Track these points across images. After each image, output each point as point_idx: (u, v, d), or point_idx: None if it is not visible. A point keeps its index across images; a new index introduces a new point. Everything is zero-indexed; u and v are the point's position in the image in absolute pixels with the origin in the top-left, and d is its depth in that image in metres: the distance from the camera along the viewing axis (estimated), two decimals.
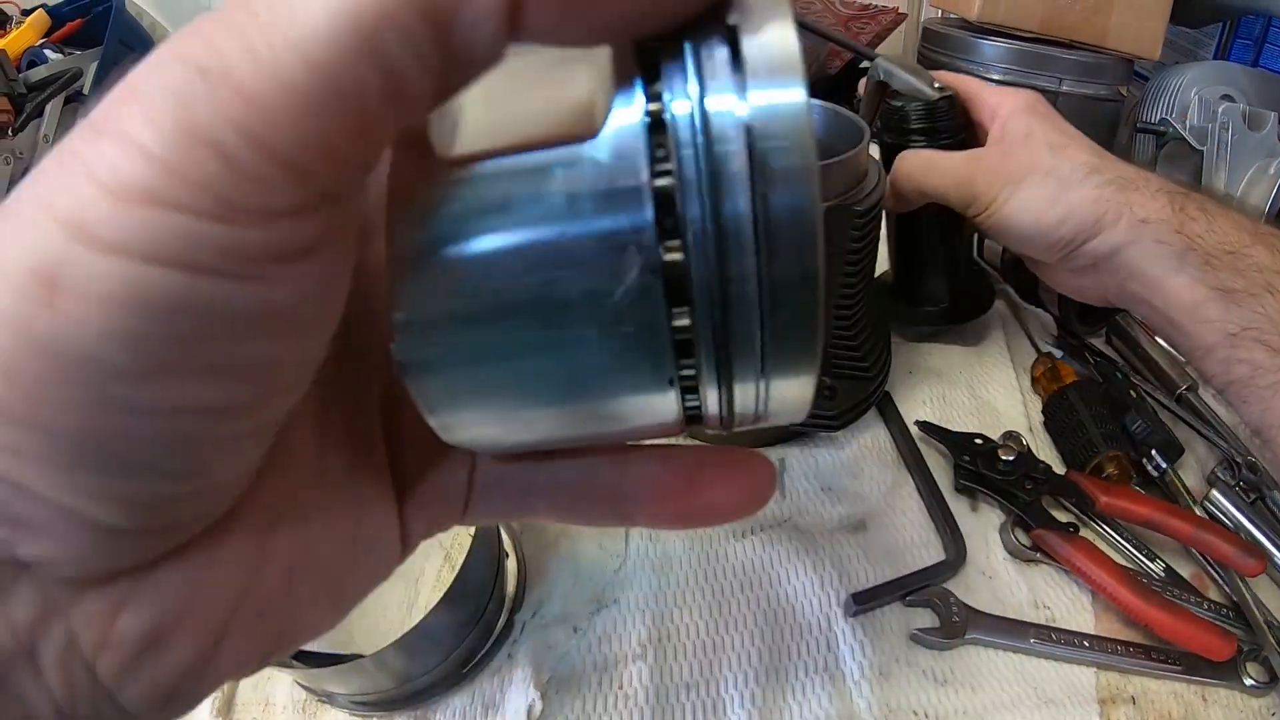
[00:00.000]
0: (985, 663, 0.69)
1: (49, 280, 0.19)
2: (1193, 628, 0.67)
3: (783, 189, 0.23)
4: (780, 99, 0.23)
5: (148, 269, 0.19)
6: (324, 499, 0.30)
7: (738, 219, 0.23)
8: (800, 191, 0.23)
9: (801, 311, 0.24)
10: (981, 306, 1.02)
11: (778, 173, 0.23)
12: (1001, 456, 0.80)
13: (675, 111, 0.23)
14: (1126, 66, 1.24)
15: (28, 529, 0.22)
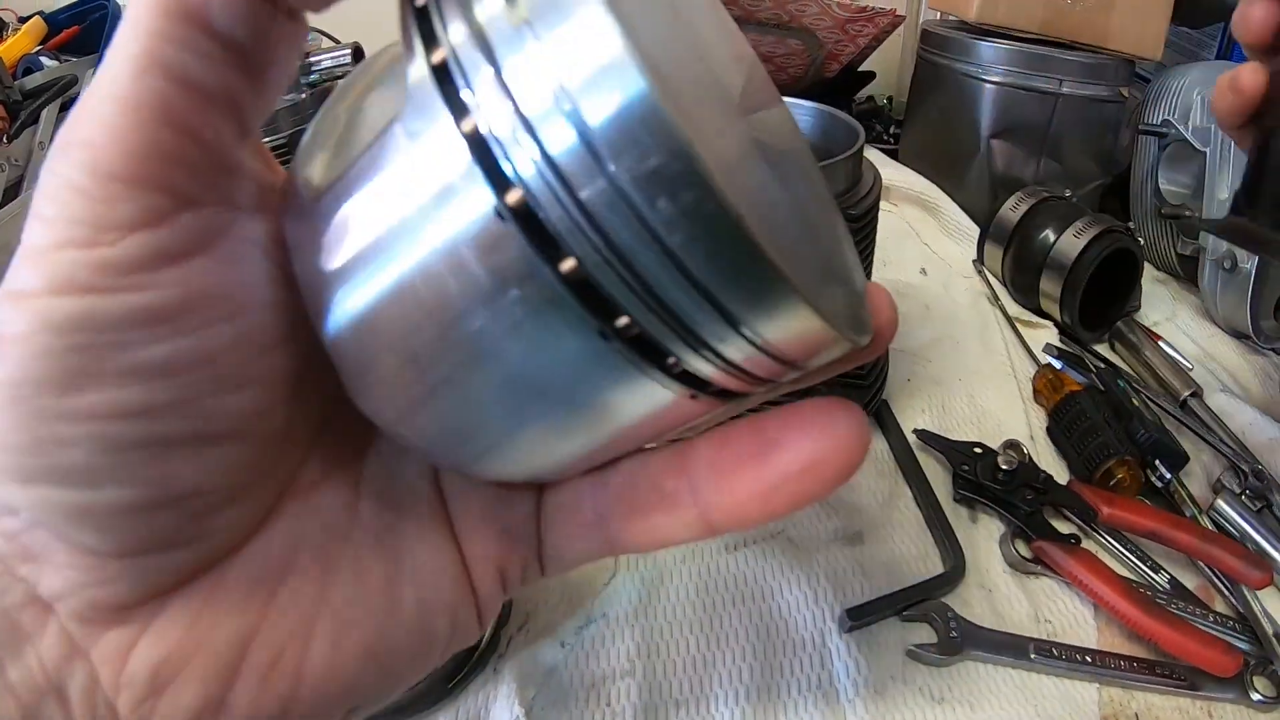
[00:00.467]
0: (984, 679, 0.67)
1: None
2: (1197, 642, 0.66)
3: (599, 91, 0.20)
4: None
5: (50, 300, 0.23)
6: (356, 548, 0.31)
7: (560, 129, 0.20)
8: (622, 81, 0.20)
9: (696, 209, 0.21)
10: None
11: (586, 83, 0.20)
12: (1001, 466, 0.78)
13: (495, 127, 0.21)
14: (1128, 67, 1.23)
15: (36, 561, 0.26)
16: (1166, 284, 1.19)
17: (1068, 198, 1.11)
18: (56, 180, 0.23)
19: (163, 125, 0.23)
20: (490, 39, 0.21)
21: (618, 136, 0.20)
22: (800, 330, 0.24)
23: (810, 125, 0.85)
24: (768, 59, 1.53)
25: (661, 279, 0.22)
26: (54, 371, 0.23)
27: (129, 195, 0.23)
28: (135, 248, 0.23)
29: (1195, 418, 0.90)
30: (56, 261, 0.23)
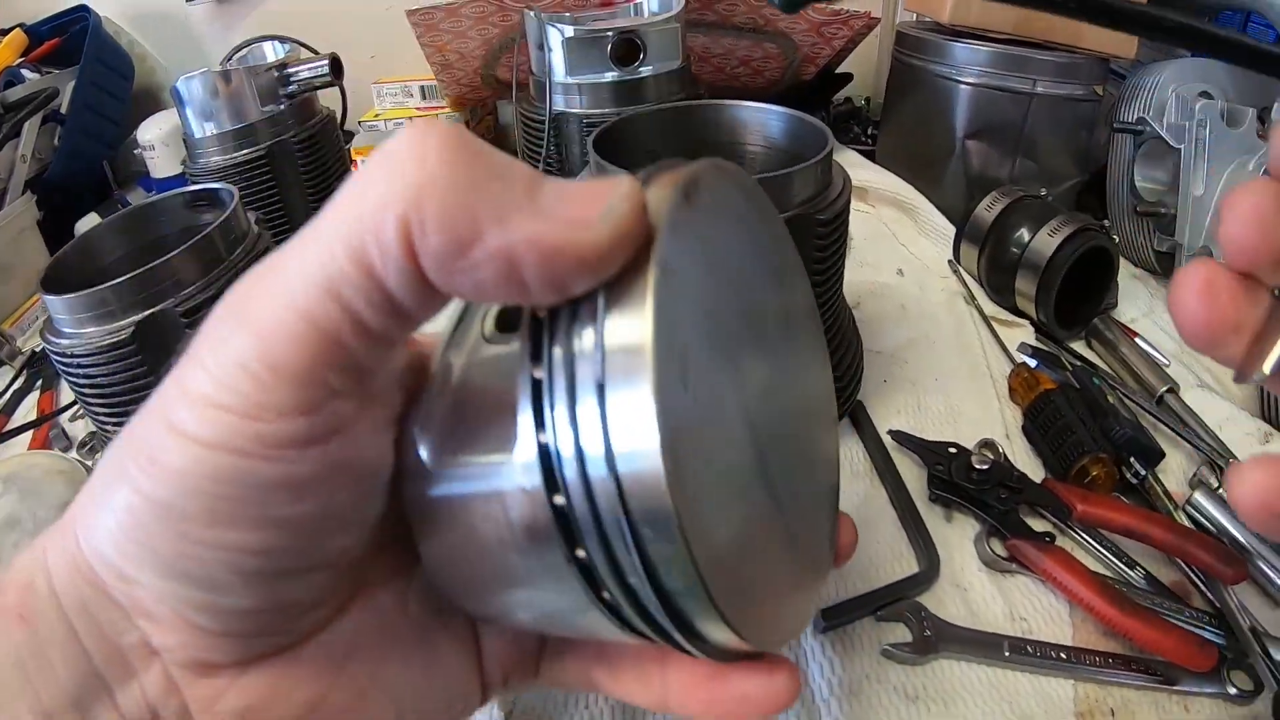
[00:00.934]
0: (959, 678, 0.67)
1: (154, 462, 0.30)
2: (1172, 638, 0.65)
3: (649, 529, 0.29)
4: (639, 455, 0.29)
5: (206, 451, 0.29)
6: (403, 640, 0.40)
7: (621, 546, 0.30)
8: (661, 526, 0.29)
9: (692, 607, 0.31)
10: None
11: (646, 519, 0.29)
12: (975, 465, 0.78)
13: (561, 451, 0.30)
14: (1102, 66, 1.23)
15: (155, 623, 0.32)
16: (1144, 280, 1.18)
17: (1043, 197, 1.10)
18: (227, 350, 0.29)
19: (328, 344, 0.29)
20: (576, 383, 0.30)
21: (638, 503, 0.29)
22: (720, 637, 0.33)
23: (780, 130, 0.86)
24: (744, 63, 1.53)
25: (641, 591, 0.31)
26: (201, 510, 0.29)
27: (289, 389, 0.29)
28: (287, 429, 0.29)
29: (1172, 414, 0.90)
30: (216, 420, 0.29)
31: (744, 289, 0.39)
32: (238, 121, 1.19)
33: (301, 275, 0.29)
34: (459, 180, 0.28)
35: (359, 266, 0.28)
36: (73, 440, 1.08)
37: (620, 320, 0.29)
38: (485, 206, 0.28)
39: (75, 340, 0.79)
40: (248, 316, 0.29)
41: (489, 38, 1.43)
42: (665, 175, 0.33)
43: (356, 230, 0.28)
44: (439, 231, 0.27)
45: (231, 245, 0.86)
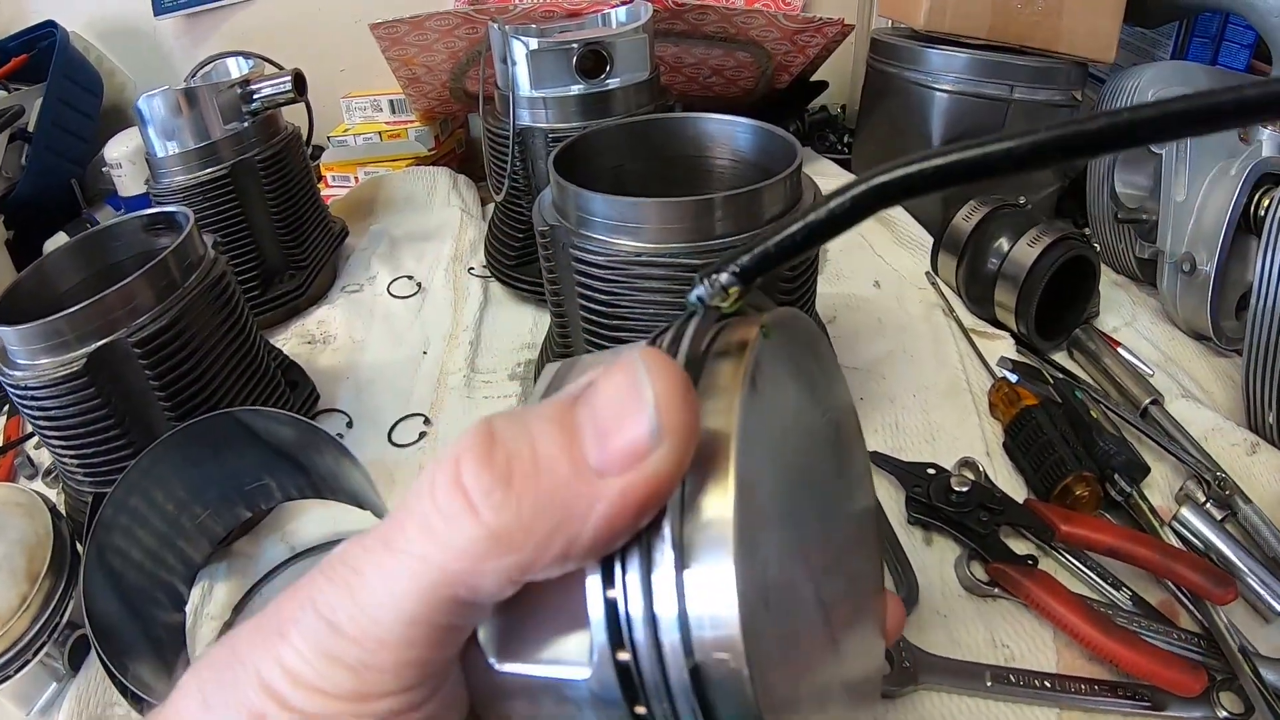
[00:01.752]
0: (939, 709, 0.65)
1: (259, 717, 0.30)
2: (1160, 662, 0.64)
3: (718, 694, 0.29)
4: (721, 655, 0.28)
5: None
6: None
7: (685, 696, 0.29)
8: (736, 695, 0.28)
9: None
10: None
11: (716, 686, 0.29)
12: (955, 487, 0.77)
13: (642, 664, 0.29)
14: (1081, 70, 1.22)
15: None
16: (1126, 288, 1.17)
17: (1022, 205, 1.09)
18: (321, 644, 0.30)
19: (422, 649, 0.30)
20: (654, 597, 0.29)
21: (722, 708, 0.29)
22: None
23: (747, 143, 0.84)
24: (717, 72, 1.52)
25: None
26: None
27: (392, 680, 0.30)
28: (389, 705, 0.31)
29: (1157, 426, 0.89)
30: (324, 704, 0.30)
31: (802, 431, 0.38)
32: (200, 140, 1.17)
33: (401, 592, 0.30)
34: (521, 519, 0.28)
35: (453, 604, 0.30)
36: (38, 467, 1.06)
37: (698, 516, 0.29)
38: (556, 521, 0.28)
39: (28, 372, 0.78)
40: (337, 621, 0.30)
41: (455, 50, 1.42)
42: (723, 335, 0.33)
43: (443, 583, 0.29)
44: (529, 569, 0.29)
45: (187, 271, 0.84)
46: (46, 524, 0.78)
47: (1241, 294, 0.99)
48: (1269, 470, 0.83)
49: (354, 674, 0.30)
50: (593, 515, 0.28)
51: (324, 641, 0.30)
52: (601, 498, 0.28)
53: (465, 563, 0.29)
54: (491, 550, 0.28)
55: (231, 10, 1.89)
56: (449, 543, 0.29)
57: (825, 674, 0.37)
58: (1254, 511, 0.78)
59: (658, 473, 0.28)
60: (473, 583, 0.29)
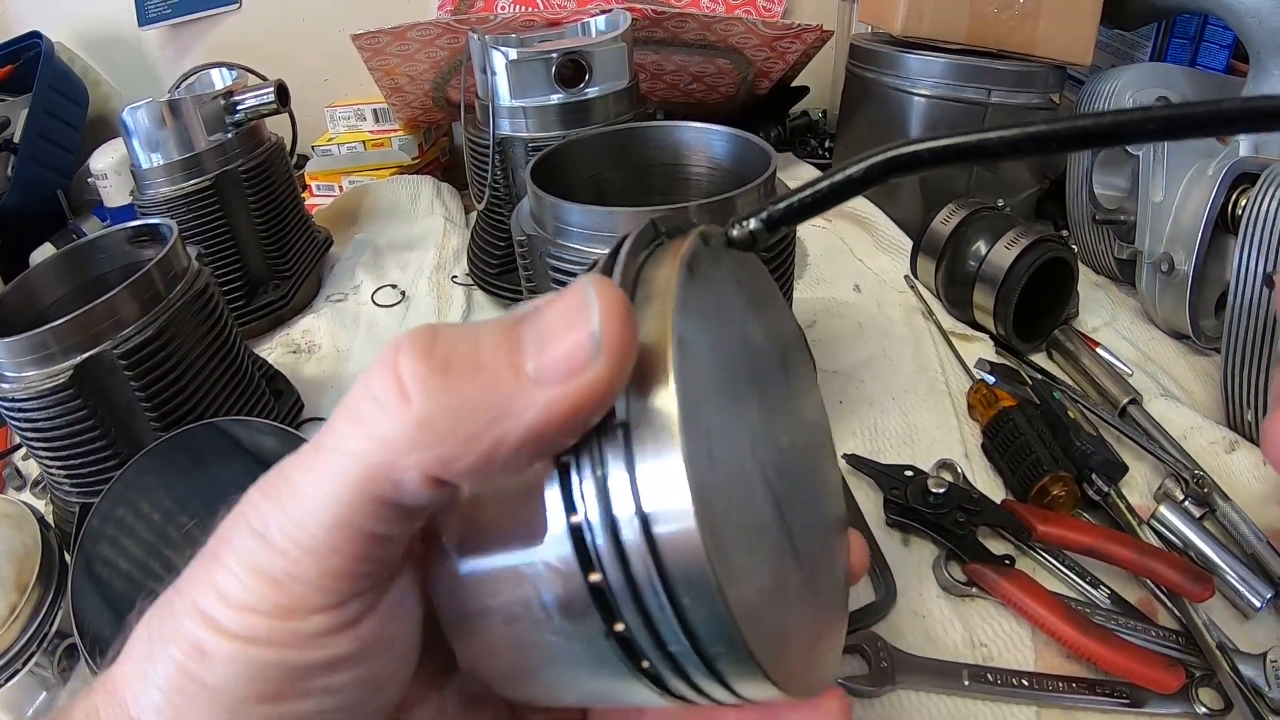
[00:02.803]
0: (917, 709, 0.66)
1: (200, 650, 0.31)
2: (1136, 660, 0.64)
3: (688, 598, 0.30)
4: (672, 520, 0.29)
5: (249, 647, 0.30)
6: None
7: (661, 615, 0.31)
8: (701, 592, 0.30)
9: (735, 668, 0.32)
10: None
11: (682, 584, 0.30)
12: (932, 488, 0.77)
13: (591, 521, 0.30)
14: (1059, 73, 1.22)
15: None
16: (1105, 288, 1.18)
17: (1000, 208, 1.10)
18: (252, 559, 0.31)
19: (350, 554, 0.31)
20: (606, 460, 0.30)
21: (675, 569, 0.29)
22: (763, 693, 0.34)
23: (723, 150, 0.85)
24: (698, 79, 1.52)
25: (682, 657, 0.32)
26: (255, 691, 0.31)
27: (317, 594, 0.31)
28: (320, 623, 0.31)
29: (1135, 425, 0.89)
30: (253, 623, 0.30)
31: (743, 337, 0.40)
32: (184, 151, 1.17)
33: (319, 500, 0.30)
34: (450, 408, 0.29)
35: (377, 503, 0.30)
36: (26, 478, 1.06)
37: (644, 402, 0.30)
38: (487, 418, 0.29)
39: (15, 384, 0.78)
40: (273, 536, 0.31)
41: (437, 60, 1.42)
42: (660, 253, 0.35)
43: (366, 478, 0.29)
44: (452, 463, 0.29)
45: (171, 282, 0.84)
46: (35, 535, 0.78)
47: (1220, 293, 1.00)
48: (1247, 468, 0.84)
49: (280, 588, 0.30)
50: (524, 417, 0.28)
51: (253, 556, 0.31)
52: (535, 404, 0.28)
53: (389, 454, 0.29)
54: (416, 439, 0.28)
55: (215, 21, 1.89)
56: (375, 430, 0.29)
57: (787, 577, 0.38)
58: (1233, 509, 0.78)
59: (594, 385, 0.28)
60: (395, 477, 0.29)
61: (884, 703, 0.66)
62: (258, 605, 0.31)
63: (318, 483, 0.30)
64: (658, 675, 0.33)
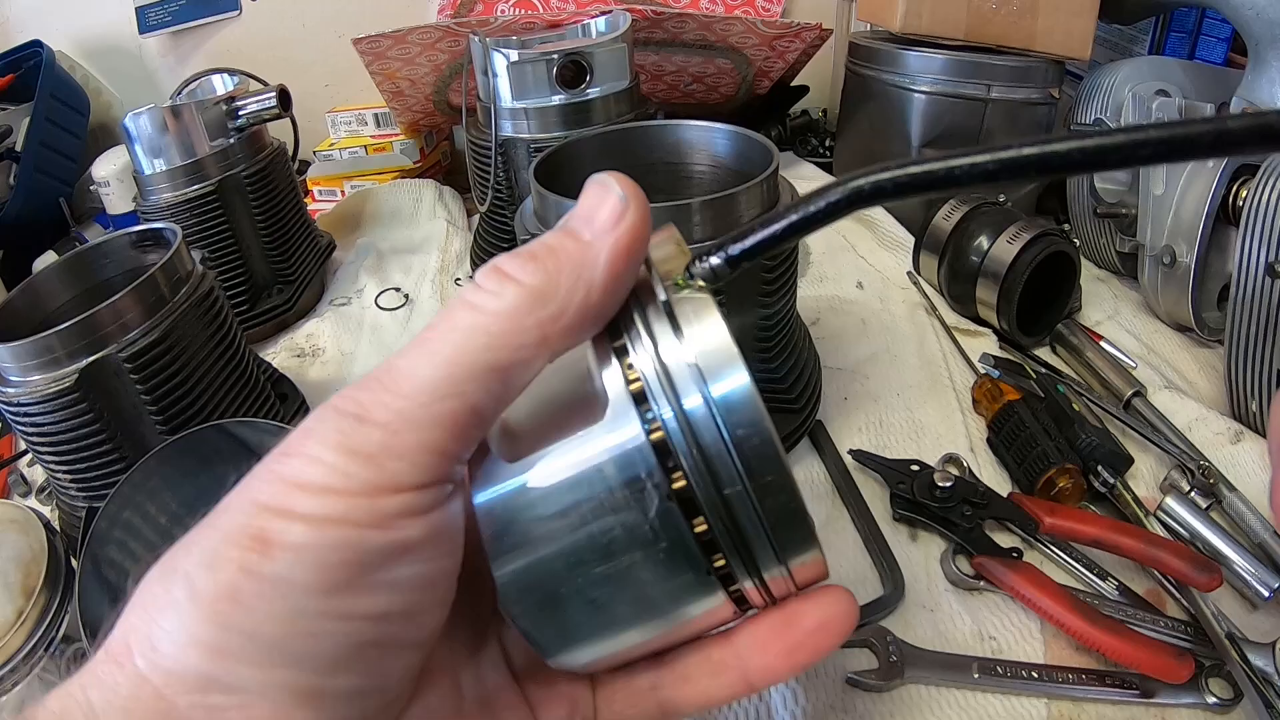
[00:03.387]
0: (927, 703, 0.66)
1: (263, 539, 0.31)
2: (1146, 650, 0.64)
3: (742, 429, 0.34)
4: (721, 363, 0.34)
5: (324, 528, 0.32)
6: (464, 713, 0.41)
7: (719, 452, 0.34)
8: (754, 424, 0.33)
9: (784, 507, 0.35)
10: None
11: (736, 417, 0.34)
12: (939, 483, 0.77)
13: (650, 381, 0.34)
14: (1058, 68, 1.22)
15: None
16: (1107, 282, 1.18)
17: (1001, 203, 1.10)
18: (342, 440, 0.33)
19: (447, 435, 0.33)
20: (673, 378, 0.34)
21: (729, 413, 0.34)
22: (812, 569, 0.38)
23: (726, 148, 0.85)
24: (698, 79, 1.52)
25: (752, 536, 0.35)
26: (323, 580, 0.32)
27: (410, 470, 0.33)
28: (404, 502, 0.33)
29: (1140, 418, 0.89)
30: (333, 504, 0.32)
31: None
32: (187, 157, 1.17)
33: (426, 375, 0.33)
34: (550, 276, 0.35)
35: (491, 373, 0.34)
36: (32, 484, 1.06)
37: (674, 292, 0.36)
38: (575, 274, 0.35)
39: (21, 389, 0.78)
40: (365, 413, 0.33)
41: (438, 64, 1.42)
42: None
43: (487, 346, 0.34)
44: (561, 318, 0.35)
45: (175, 286, 0.84)
46: (41, 539, 0.78)
47: (1222, 285, 1.00)
48: (1253, 458, 0.84)
49: (372, 463, 0.32)
50: (600, 262, 0.35)
51: (345, 434, 0.33)
52: (603, 250, 0.35)
53: (511, 321, 0.34)
54: (532, 305, 0.34)
55: (216, 28, 1.89)
56: (494, 307, 0.34)
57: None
58: (1239, 499, 0.78)
59: (634, 225, 0.35)
60: (516, 341, 0.34)
61: (894, 697, 0.66)
62: (341, 485, 0.32)
63: (431, 359, 0.33)
64: (713, 544, 0.35)
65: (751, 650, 0.41)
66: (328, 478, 0.32)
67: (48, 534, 0.79)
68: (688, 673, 0.42)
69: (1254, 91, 1.06)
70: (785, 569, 0.37)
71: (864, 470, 0.85)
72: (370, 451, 0.32)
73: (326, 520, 0.32)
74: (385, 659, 0.34)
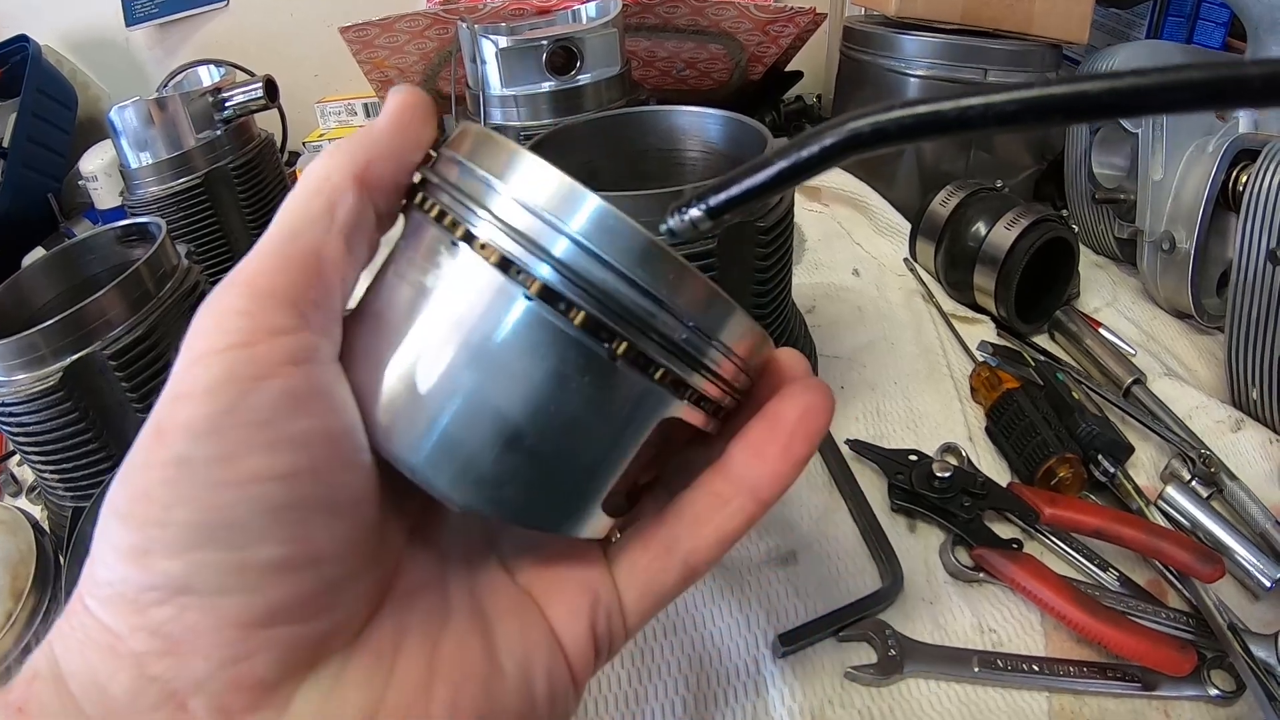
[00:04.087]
0: (927, 697, 0.65)
1: (158, 429, 0.31)
2: (1147, 642, 0.63)
3: (619, 249, 0.33)
4: (564, 196, 0.33)
5: (210, 394, 0.31)
6: (455, 629, 0.38)
7: (612, 284, 0.33)
8: (625, 236, 0.33)
9: (692, 296, 0.34)
10: None
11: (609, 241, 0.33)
12: (937, 473, 0.76)
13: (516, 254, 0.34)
14: (1055, 53, 1.22)
15: (186, 652, 0.31)
16: (1106, 268, 1.17)
17: (999, 189, 1.09)
18: (219, 307, 0.33)
19: (300, 275, 0.34)
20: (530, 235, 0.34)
21: (604, 243, 0.33)
22: (749, 338, 0.37)
23: (718, 134, 0.84)
24: (690, 65, 1.51)
25: (648, 312, 0.34)
26: (219, 447, 0.31)
27: (274, 313, 0.33)
28: (278, 349, 0.32)
29: (1140, 405, 0.88)
30: (216, 363, 0.32)
31: None
32: (173, 150, 1.16)
33: (272, 237, 0.35)
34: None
35: (321, 215, 0.35)
36: (22, 484, 1.05)
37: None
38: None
39: (6, 388, 0.77)
40: (231, 282, 0.34)
41: (426, 52, 1.41)
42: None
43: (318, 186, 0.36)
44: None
45: (160, 281, 0.83)
46: (29, 540, 0.78)
47: (1222, 271, 0.99)
48: (1254, 446, 0.83)
49: (242, 315, 0.33)
50: (383, 112, 0.38)
51: (216, 300, 0.34)
52: (384, 107, 0.38)
53: (320, 168, 0.36)
54: (336, 152, 0.37)
55: (203, 19, 1.88)
56: (309, 170, 0.37)
57: None
58: (1240, 488, 0.77)
59: (403, 92, 0.38)
60: (330, 183, 0.36)
61: (893, 691, 0.65)
62: (221, 343, 0.32)
63: (274, 224, 0.36)
64: (643, 357, 0.34)
65: (748, 466, 0.40)
66: (207, 340, 0.32)
67: (36, 534, 0.79)
68: (697, 515, 0.41)
69: None
70: (723, 348, 0.36)
71: (861, 460, 0.84)
72: (239, 307, 0.33)
73: (211, 385, 0.31)
74: (305, 524, 0.33)
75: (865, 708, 0.64)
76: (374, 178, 0.36)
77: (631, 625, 0.41)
